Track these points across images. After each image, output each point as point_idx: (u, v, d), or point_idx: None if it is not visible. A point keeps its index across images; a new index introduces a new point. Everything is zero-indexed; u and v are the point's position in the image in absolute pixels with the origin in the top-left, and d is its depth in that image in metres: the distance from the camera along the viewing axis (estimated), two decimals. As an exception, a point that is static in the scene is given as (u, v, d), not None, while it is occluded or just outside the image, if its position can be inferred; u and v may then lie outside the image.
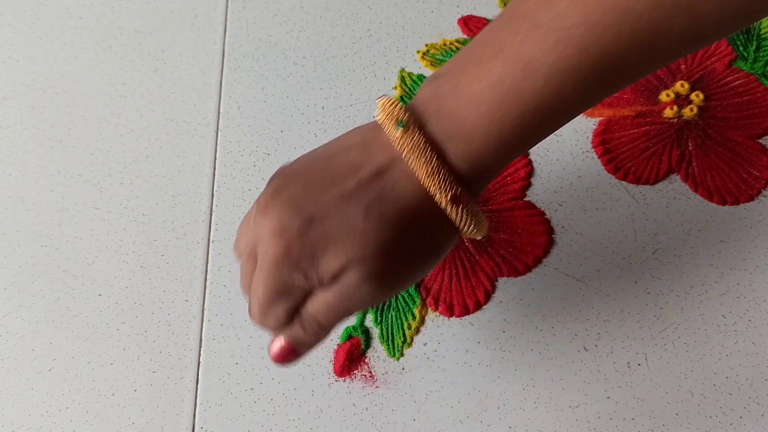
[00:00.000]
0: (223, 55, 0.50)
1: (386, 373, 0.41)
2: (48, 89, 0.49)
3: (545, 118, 0.31)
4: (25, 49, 0.50)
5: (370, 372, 0.41)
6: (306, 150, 0.46)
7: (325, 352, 0.41)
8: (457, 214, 0.32)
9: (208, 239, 0.44)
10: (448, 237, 0.33)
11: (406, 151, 0.31)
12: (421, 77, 0.49)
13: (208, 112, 0.48)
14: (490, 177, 0.33)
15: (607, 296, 0.42)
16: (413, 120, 0.32)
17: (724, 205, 0.44)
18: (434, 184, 0.31)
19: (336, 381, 0.41)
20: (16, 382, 0.41)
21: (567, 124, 0.46)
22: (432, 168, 0.31)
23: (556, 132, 0.47)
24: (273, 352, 0.35)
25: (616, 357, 0.41)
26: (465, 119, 0.31)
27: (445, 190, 0.31)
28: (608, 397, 0.40)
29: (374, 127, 0.33)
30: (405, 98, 0.48)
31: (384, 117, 0.32)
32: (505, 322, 0.42)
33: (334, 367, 0.41)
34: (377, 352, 0.41)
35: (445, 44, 0.49)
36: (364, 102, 0.48)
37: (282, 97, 0.48)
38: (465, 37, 0.50)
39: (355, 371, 0.41)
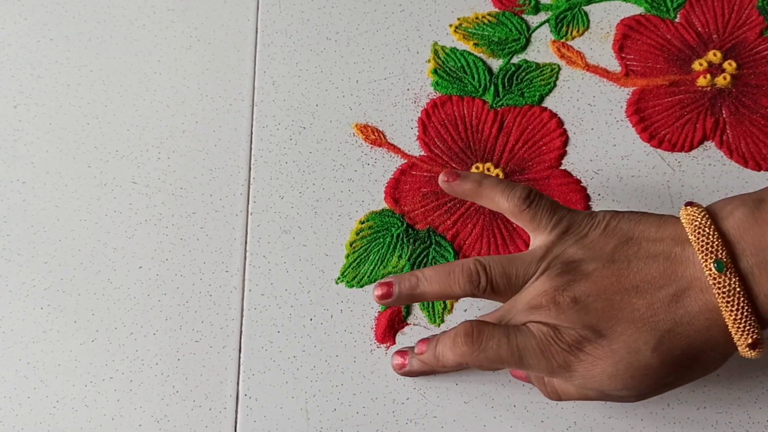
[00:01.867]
0: (257, 32, 0.50)
1: (427, 339, 0.41)
2: (83, 67, 0.50)
3: None
4: (58, 29, 0.51)
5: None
6: (341, 124, 0.47)
7: (366, 319, 0.41)
8: (750, 354, 0.31)
9: (247, 211, 0.45)
10: (719, 365, 0.33)
11: (719, 293, 0.30)
12: (454, 50, 0.49)
13: (243, 88, 0.49)
14: None
15: (645, 261, 0.42)
16: (730, 258, 0.30)
17: (759, 170, 0.44)
18: (738, 330, 0.30)
19: (378, 347, 0.41)
20: (60, 353, 0.41)
21: (600, 94, 0.46)
22: (741, 315, 0.30)
23: (590, 102, 0.47)
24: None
25: (655, 320, 0.41)
26: None
27: (747, 336, 0.30)
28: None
29: (682, 239, 0.32)
30: (439, 71, 0.48)
31: (699, 246, 0.31)
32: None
33: (375, 334, 0.41)
34: (418, 319, 0.42)
35: (477, 18, 0.50)
36: (398, 76, 0.49)
37: (316, 72, 0.49)
38: (497, 10, 0.50)
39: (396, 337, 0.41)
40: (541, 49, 0.49)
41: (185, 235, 0.44)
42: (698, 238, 0.31)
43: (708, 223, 0.31)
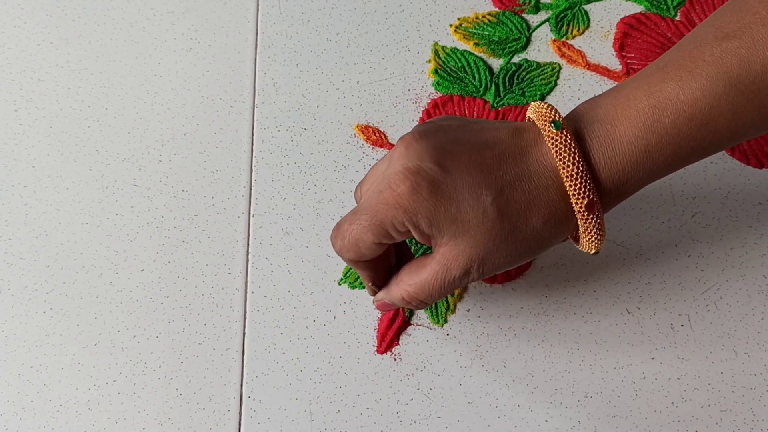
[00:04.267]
0: (257, 33, 0.50)
1: (431, 339, 0.41)
2: (83, 70, 0.49)
3: (694, 135, 0.31)
4: (58, 32, 0.51)
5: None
6: (342, 125, 0.47)
7: (369, 320, 0.41)
8: (585, 221, 0.32)
9: (249, 213, 0.45)
10: (557, 240, 0.34)
11: (555, 148, 0.31)
12: (454, 50, 0.49)
13: (243, 89, 0.49)
14: (624, 194, 0.33)
15: (648, 260, 0.42)
16: (568, 123, 0.32)
17: (761, 168, 0.44)
18: (574, 187, 0.31)
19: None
20: (62, 357, 0.41)
21: (599, 91, 0.46)
22: (576, 170, 0.31)
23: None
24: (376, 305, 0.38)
25: (659, 319, 0.41)
26: (615, 124, 0.31)
27: (583, 195, 0.31)
28: (653, 358, 0.40)
29: (528, 123, 0.34)
30: (440, 71, 0.48)
31: (537, 117, 0.32)
32: (547, 287, 0.42)
33: (377, 333, 0.41)
34: (421, 319, 0.42)
35: (477, 17, 0.50)
36: (399, 76, 0.48)
37: (317, 73, 0.49)
38: (497, 10, 0.50)
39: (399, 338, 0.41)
40: (542, 48, 0.49)
41: (187, 238, 0.44)
42: (539, 115, 0.33)
43: (550, 106, 0.33)
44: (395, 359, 0.41)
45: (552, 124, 0.32)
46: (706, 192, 0.44)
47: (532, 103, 0.33)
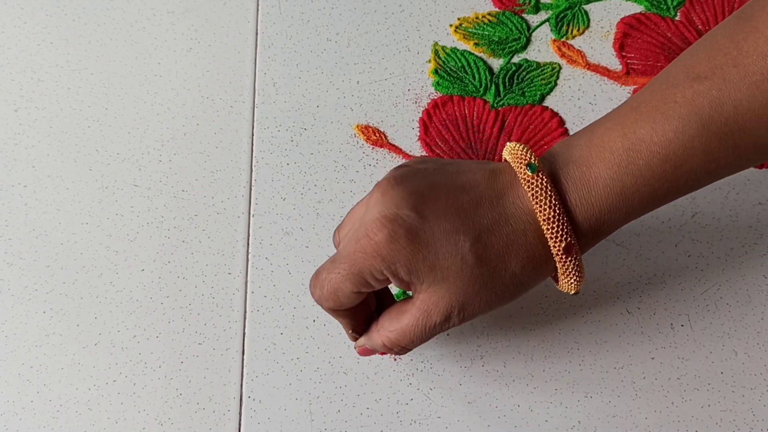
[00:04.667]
0: (257, 33, 0.50)
1: (431, 340, 0.41)
2: (83, 70, 0.49)
3: (668, 176, 0.31)
4: (58, 32, 0.51)
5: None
6: (342, 125, 0.47)
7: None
8: (564, 263, 0.32)
9: (249, 213, 0.45)
10: (537, 283, 0.34)
11: (531, 191, 0.31)
12: (454, 50, 0.49)
13: (243, 90, 0.49)
14: (601, 234, 0.33)
15: (648, 260, 0.42)
16: (543, 166, 0.32)
17: (761, 168, 0.44)
18: (551, 230, 0.31)
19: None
20: (62, 357, 0.41)
21: (601, 93, 0.47)
22: (553, 213, 0.31)
23: (591, 101, 0.47)
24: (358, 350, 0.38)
25: (659, 318, 0.41)
26: (590, 166, 0.31)
27: (561, 238, 0.31)
28: (652, 358, 0.40)
29: (504, 164, 0.34)
30: (440, 71, 0.48)
31: (513, 159, 0.32)
32: (547, 287, 0.42)
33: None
34: (421, 320, 0.42)
35: (477, 17, 0.50)
36: (399, 76, 0.49)
37: (317, 73, 0.49)
38: (497, 10, 0.50)
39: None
40: (542, 48, 0.49)
41: (187, 238, 0.44)
42: (515, 158, 0.32)
43: (526, 148, 0.33)
44: (395, 359, 0.41)
45: (527, 167, 0.32)
46: (705, 192, 0.44)
47: (507, 143, 0.33)
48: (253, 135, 0.47)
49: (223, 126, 0.47)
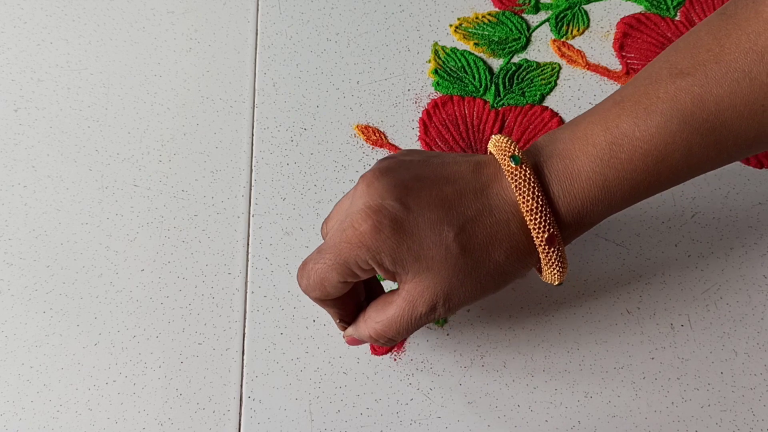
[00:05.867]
0: (257, 33, 0.50)
1: (431, 339, 0.41)
2: (83, 70, 0.49)
3: (650, 170, 0.31)
4: (58, 32, 0.51)
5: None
6: (342, 125, 0.47)
7: (369, 320, 0.41)
8: (547, 254, 0.32)
9: (249, 213, 0.45)
10: (521, 273, 0.34)
11: (514, 183, 0.32)
12: (454, 50, 0.49)
13: (243, 90, 0.49)
14: (584, 226, 0.33)
15: (648, 260, 0.42)
16: (527, 158, 0.32)
17: (760, 168, 0.44)
18: (534, 221, 0.32)
19: (381, 347, 0.41)
20: (62, 357, 0.41)
21: (601, 93, 0.47)
22: (536, 204, 0.31)
23: (591, 101, 0.47)
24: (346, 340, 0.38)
25: (659, 319, 0.41)
26: (574, 159, 0.32)
27: (543, 229, 0.32)
28: (652, 358, 0.40)
29: (488, 157, 0.34)
30: (440, 71, 0.48)
31: (497, 151, 0.33)
32: (547, 287, 0.42)
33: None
34: (421, 320, 0.42)
35: (477, 17, 0.50)
36: (399, 76, 0.49)
37: (317, 73, 0.49)
38: (497, 10, 0.50)
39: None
40: (542, 48, 0.49)
41: (187, 238, 0.44)
42: (499, 149, 0.33)
43: (510, 140, 0.33)
44: (395, 359, 0.41)
45: (511, 159, 0.32)
46: (706, 192, 0.44)
47: (493, 136, 0.34)
48: (252, 135, 0.47)
49: (222, 126, 0.47)
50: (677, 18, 0.50)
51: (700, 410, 0.39)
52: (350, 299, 0.37)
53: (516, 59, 0.49)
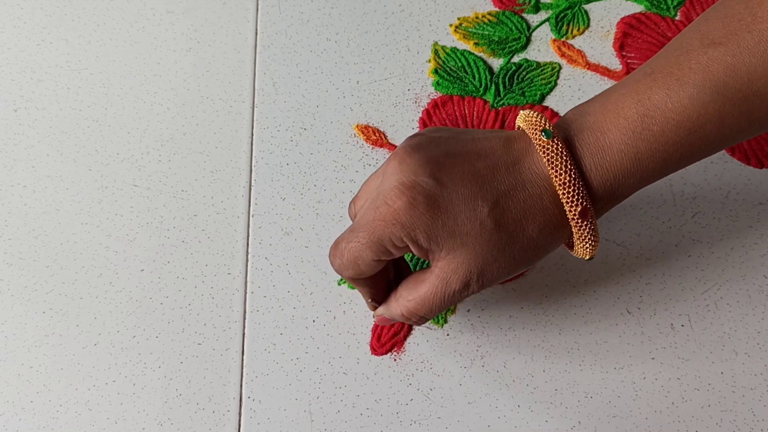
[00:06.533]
0: (256, 33, 0.50)
1: (431, 339, 0.41)
2: (82, 70, 0.49)
3: (683, 141, 0.31)
4: (58, 32, 0.51)
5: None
6: (342, 125, 0.47)
7: (369, 321, 0.41)
8: (579, 228, 0.32)
9: (248, 213, 0.45)
10: (552, 248, 0.34)
11: (546, 157, 0.31)
12: (454, 50, 0.49)
13: (243, 89, 0.49)
14: (616, 199, 0.33)
15: (648, 260, 0.42)
16: (558, 131, 0.32)
17: (761, 168, 0.44)
18: (567, 194, 0.31)
19: (380, 348, 0.41)
20: (62, 357, 0.41)
21: (599, 91, 0.46)
22: (568, 178, 0.31)
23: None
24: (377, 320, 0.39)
25: (659, 319, 0.41)
26: (605, 132, 0.32)
27: (576, 203, 0.31)
28: (653, 358, 0.40)
29: (518, 131, 0.34)
30: (440, 71, 0.48)
31: (528, 125, 0.33)
32: (547, 287, 0.42)
33: (373, 334, 0.41)
34: (421, 320, 0.42)
35: (477, 17, 0.50)
36: (399, 76, 0.48)
37: (316, 73, 0.49)
38: (497, 9, 0.50)
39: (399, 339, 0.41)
40: (542, 48, 0.49)
41: (187, 238, 0.44)
42: (530, 124, 0.33)
43: (540, 114, 0.33)
44: (395, 360, 0.40)
45: (543, 133, 0.32)
46: (706, 192, 0.44)
47: (521, 111, 0.33)
48: (252, 135, 0.47)
49: (222, 126, 0.47)
50: (677, 18, 0.50)
51: (701, 410, 0.39)
52: (382, 278, 0.37)
53: (516, 59, 0.49)
